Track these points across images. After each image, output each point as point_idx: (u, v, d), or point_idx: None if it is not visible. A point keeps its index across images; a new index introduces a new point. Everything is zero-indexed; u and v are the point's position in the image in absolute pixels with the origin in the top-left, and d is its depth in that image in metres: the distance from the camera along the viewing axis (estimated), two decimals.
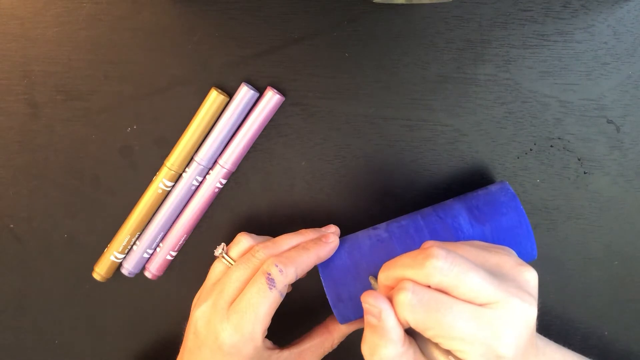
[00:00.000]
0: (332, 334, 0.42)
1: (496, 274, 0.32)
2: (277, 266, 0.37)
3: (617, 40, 0.43)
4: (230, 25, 0.43)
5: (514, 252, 0.35)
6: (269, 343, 0.40)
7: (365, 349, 0.33)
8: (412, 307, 0.31)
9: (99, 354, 0.48)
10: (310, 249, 0.39)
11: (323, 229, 0.42)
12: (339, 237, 0.41)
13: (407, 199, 0.45)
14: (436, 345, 0.32)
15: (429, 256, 0.31)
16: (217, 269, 0.40)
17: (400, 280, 0.32)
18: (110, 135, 0.45)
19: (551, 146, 0.44)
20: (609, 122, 0.44)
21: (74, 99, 0.44)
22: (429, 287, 0.31)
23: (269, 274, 0.37)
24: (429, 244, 0.33)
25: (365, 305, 0.33)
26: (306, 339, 0.42)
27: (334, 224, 0.42)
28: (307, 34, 0.43)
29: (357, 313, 0.39)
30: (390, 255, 0.39)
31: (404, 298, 0.31)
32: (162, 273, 0.46)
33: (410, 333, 0.33)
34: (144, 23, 0.43)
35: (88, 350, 0.48)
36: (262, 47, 0.43)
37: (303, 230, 0.41)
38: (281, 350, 0.40)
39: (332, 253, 0.39)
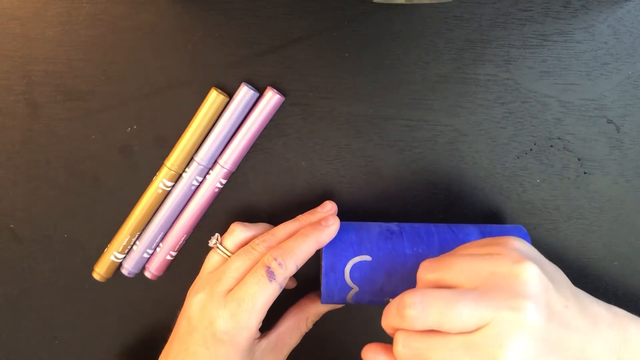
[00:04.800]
0: (306, 313, 0.42)
1: (488, 287, 0.32)
2: (276, 260, 0.37)
3: (617, 40, 0.43)
4: (230, 25, 0.43)
5: (514, 242, 0.34)
6: (258, 333, 0.40)
7: None
8: (405, 358, 0.32)
9: (99, 354, 0.48)
10: (309, 235, 0.38)
11: (319, 208, 0.42)
12: (346, 220, 0.41)
13: (407, 199, 0.45)
14: None
15: (403, 307, 0.32)
16: (212, 259, 0.40)
17: (394, 329, 0.33)
18: (110, 135, 0.45)
19: (551, 146, 0.44)
20: (609, 122, 0.44)
21: (74, 99, 0.44)
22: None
23: (269, 267, 0.37)
24: (417, 284, 0.34)
25: None
26: (281, 322, 0.42)
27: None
28: (307, 34, 0.43)
29: (342, 291, 0.39)
30: (396, 247, 0.39)
31: (395, 351, 0.32)
32: (162, 273, 0.46)
33: None
34: (143, 23, 0.43)
35: (88, 350, 0.48)
36: (262, 47, 0.43)
37: (300, 217, 0.41)
38: (259, 339, 0.40)
39: (333, 236, 0.39)
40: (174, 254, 0.45)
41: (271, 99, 0.43)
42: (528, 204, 0.45)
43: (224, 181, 0.44)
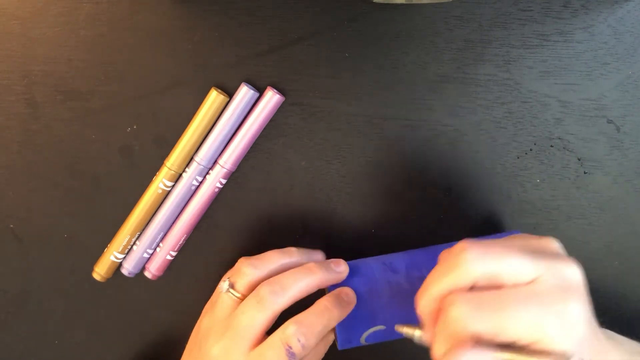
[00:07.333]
0: (327, 339, 0.41)
1: (535, 253, 0.31)
2: (300, 341, 0.36)
3: (617, 40, 0.43)
4: (230, 25, 0.43)
5: (557, 241, 0.34)
6: None
7: None
8: (474, 316, 0.28)
9: (99, 354, 0.48)
10: (333, 311, 0.37)
11: (333, 265, 0.40)
12: (353, 259, 0.40)
13: (407, 199, 0.45)
14: (520, 350, 0.29)
15: (460, 252, 0.30)
16: (225, 303, 0.39)
17: (443, 296, 0.30)
18: (110, 135, 0.45)
19: (551, 146, 0.44)
20: (609, 122, 0.44)
21: (74, 99, 0.44)
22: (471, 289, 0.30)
23: (290, 348, 0.35)
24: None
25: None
26: None
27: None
28: (307, 34, 0.43)
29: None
30: (409, 311, 0.37)
31: (459, 312, 0.29)
32: (162, 273, 0.46)
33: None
34: (144, 23, 0.43)
35: (88, 350, 0.48)
36: (262, 47, 0.43)
37: (312, 266, 0.39)
38: None
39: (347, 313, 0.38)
40: (174, 254, 0.45)
41: (271, 99, 0.43)
42: (528, 204, 0.45)
43: (224, 181, 0.44)
